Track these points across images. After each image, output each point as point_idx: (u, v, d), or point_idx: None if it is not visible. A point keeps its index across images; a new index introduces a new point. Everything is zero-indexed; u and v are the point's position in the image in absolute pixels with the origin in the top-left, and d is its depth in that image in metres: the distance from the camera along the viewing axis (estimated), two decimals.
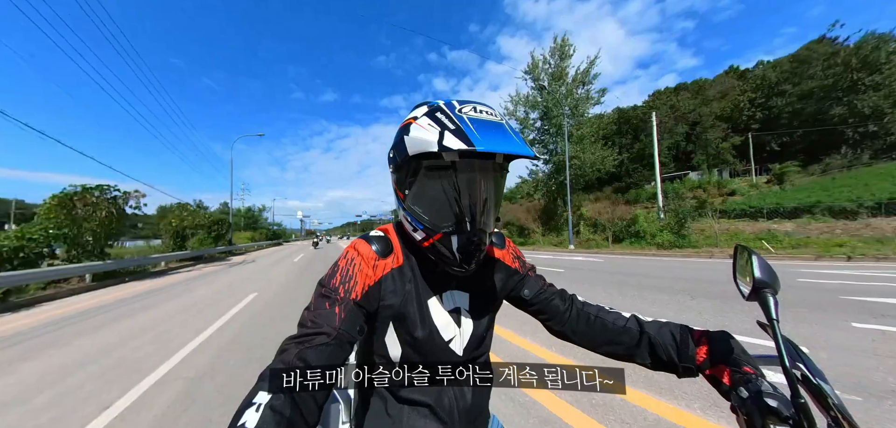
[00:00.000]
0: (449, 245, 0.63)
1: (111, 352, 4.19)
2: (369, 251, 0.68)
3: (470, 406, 0.72)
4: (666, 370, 0.70)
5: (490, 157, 0.62)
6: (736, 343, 0.64)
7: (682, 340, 0.67)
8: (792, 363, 0.49)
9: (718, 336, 0.66)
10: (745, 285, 0.59)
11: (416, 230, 0.67)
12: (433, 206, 0.64)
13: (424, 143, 0.57)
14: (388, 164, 0.73)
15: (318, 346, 0.54)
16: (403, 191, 0.68)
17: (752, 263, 0.56)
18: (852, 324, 4.18)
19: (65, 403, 2.87)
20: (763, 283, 0.54)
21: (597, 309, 0.79)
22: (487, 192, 0.65)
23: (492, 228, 0.68)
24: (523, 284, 0.83)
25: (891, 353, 3.26)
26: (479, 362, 0.75)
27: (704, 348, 0.65)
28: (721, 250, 13.37)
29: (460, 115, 0.58)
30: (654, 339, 0.70)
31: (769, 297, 0.53)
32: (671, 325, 0.71)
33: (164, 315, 6.16)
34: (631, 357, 0.73)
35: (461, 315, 0.73)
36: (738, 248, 0.63)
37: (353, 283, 0.63)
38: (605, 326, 0.75)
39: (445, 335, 0.70)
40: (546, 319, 0.82)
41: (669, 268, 10.17)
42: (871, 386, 2.63)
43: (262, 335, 4.66)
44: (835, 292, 5.95)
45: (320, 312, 0.59)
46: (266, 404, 0.45)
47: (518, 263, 0.84)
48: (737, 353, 0.62)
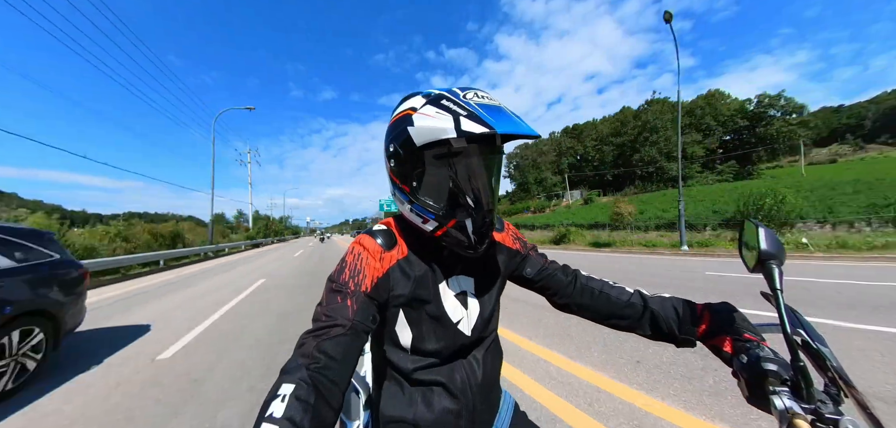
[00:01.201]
0: (464, 230, 0.64)
1: (214, 289, 7.72)
2: (374, 245, 0.68)
3: (481, 382, 0.74)
4: (665, 340, 0.72)
5: (492, 141, 0.63)
6: (738, 313, 0.65)
7: (684, 313, 0.69)
8: (793, 329, 0.50)
9: (720, 307, 0.67)
10: (751, 258, 0.58)
11: (426, 222, 0.67)
12: (445, 194, 0.65)
13: (437, 130, 0.58)
14: (386, 159, 0.70)
15: (335, 337, 0.56)
16: (408, 184, 0.67)
17: (759, 235, 0.56)
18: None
19: (202, 304, 5.98)
20: (769, 254, 0.54)
21: (600, 283, 0.81)
22: (495, 174, 0.67)
23: (496, 208, 0.69)
24: (525, 263, 0.85)
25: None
26: (487, 340, 0.78)
27: (706, 319, 0.67)
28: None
29: (467, 100, 0.59)
30: (657, 312, 0.72)
31: (774, 267, 0.53)
32: (674, 299, 0.73)
33: (263, 259, 17.56)
34: (632, 329, 0.75)
35: (468, 297, 0.74)
36: (746, 221, 0.62)
37: (362, 276, 0.64)
38: (609, 300, 0.77)
39: (454, 317, 0.72)
40: (551, 294, 0.84)
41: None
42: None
43: (312, 262, 14.25)
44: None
45: (333, 306, 0.60)
46: (291, 394, 0.47)
47: (519, 243, 0.86)
48: (738, 321, 0.63)
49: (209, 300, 6.44)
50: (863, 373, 2.61)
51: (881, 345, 3.13)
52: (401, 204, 0.71)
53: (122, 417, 2.37)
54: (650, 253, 13.96)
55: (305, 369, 0.50)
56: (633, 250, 15.42)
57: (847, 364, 0.56)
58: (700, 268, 8.74)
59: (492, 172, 0.66)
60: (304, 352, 0.54)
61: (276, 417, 0.44)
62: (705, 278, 7.15)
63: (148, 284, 9.22)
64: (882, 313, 4.10)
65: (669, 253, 13.26)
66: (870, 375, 2.58)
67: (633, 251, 15.08)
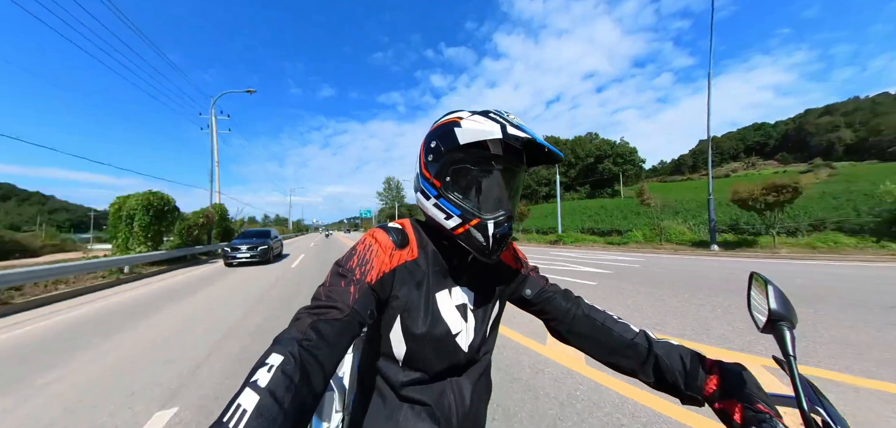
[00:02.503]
0: (485, 231, 0.65)
1: (293, 247, 26.50)
2: (387, 240, 0.69)
3: (468, 411, 0.72)
4: (669, 393, 0.68)
5: (521, 159, 0.69)
6: (749, 376, 0.60)
7: (692, 367, 0.65)
8: (811, 407, 0.47)
9: (731, 367, 0.63)
10: (761, 316, 0.56)
11: (450, 217, 0.68)
12: (473, 193, 0.67)
13: (485, 132, 0.62)
14: (422, 155, 0.74)
15: (331, 320, 0.55)
16: (441, 179, 0.69)
17: (769, 293, 0.53)
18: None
19: (236, 298, 6.46)
20: (779, 315, 0.52)
21: (603, 316, 0.78)
22: (518, 190, 0.71)
23: (516, 220, 0.72)
24: (525, 283, 0.84)
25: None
26: (480, 365, 0.77)
27: (715, 379, 0.63)
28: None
29: (509, 118, 0.65)
30: (662, 360, 0.68)
31: (785, 330, 0.51)
32: (682, 348, 0.69)
33: (294, 244, 28.09)
34: (634, 373, 0.72)
35: (467, 311, 0.74)
36: (754, 276, 0.60)
37: (370, 267, 0.64)
38: (611, 336, 0.75)
39: (453, 329, 0.71)
40: (549, 319, 0.82)
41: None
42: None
43: (326, 244, 28.32)
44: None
45: (335, 288, 0.60)
46: (278, 367, 0.46)
47: (519, 263, 0.86)
48: (750, 387, 0.58)
49: (297, 247, 17.46)
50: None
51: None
52: (425, 199, 0.72)
53: (296, 277, 9.39)
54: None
55: (296, 344, 0.50)
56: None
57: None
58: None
59: (517, 186, 0.70)
60: (300, 327, 0.53)
61: (260, 386, 0.44)
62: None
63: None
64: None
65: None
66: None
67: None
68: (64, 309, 6.33)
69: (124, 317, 5.49)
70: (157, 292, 7.72)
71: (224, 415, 0.41)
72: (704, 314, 4.60)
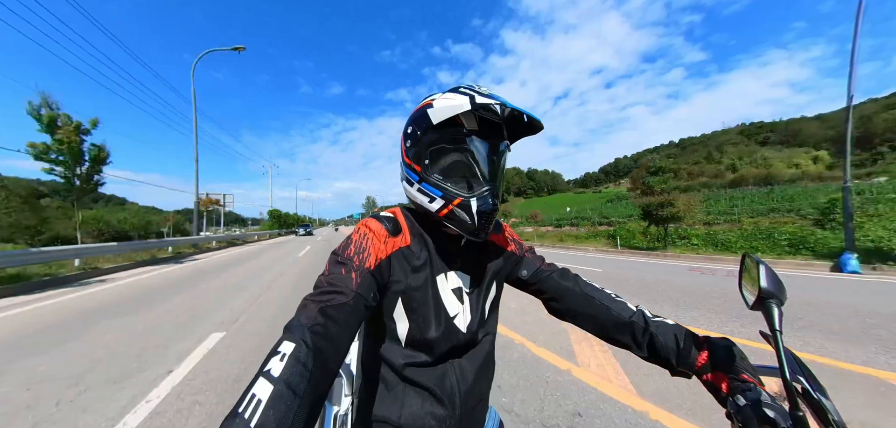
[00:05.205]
0: (468, 209, 0.65)
1: (308, 241, 34.17)
2: (380, 228, 0.69)
3: (471, 390, 0.73)
4: (661, 366, 0.71)
5: (501, 134, 0.67)
6: (737, 350, 0.63)
7: (685, 345, 0.68)
8: (793, 376, 0.49)
9: (720, 342, 0.65)
10: (751, 294, 0.58)
11: (433, 200, 0.68)
12: (453, 173, 0.68)
13: (454, 107, 0.62)
14: (402, 143, 0.75)
15: (337, 304, 0.56)
16: (420, 163, 0.70)
17: (759, 273, 0.55)
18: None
19: (266, 271, 9.52)
20: (769, 292, 0.54)
21: (602, 293, 0.79)
22: (500, 162, 0.70)
23: (500, 199, 0.71)
24: (521, 264, 0.85)
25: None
26: (481, 346, 0.78)
27: (705, 353, 0.66)
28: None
29: (479, 89, 0.64)
30: (657, 338, 0.70)
31: (774, 307, 0.53)
32: (677, 327, 0.71)
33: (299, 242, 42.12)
34: (629, 348, 0.74)
35: (463, 293, 0.75)
36: (746, 256, 0.62)
37: (367, 254, 0.65)
38: (609, 314, 0.76)
39: (451, 311, 0.72)
40: (547, 298, 0.83)
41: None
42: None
43: (335, 234, 43.56)
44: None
45: (336, 276, 0.60)
46: (290, 355, 0.47)
47: (514, 244, 0.87)
48: (736, 359, 0.61)
49: (306, 242, 32.32)
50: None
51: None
52: (409, 186, 0.73)
53: (313, 256, 14.33)
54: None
55: (308, 330, 0.50)
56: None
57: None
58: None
59: (497, 162, 0.69)
60: (308, 314, 0.53)
61: (274, 375, 0.44)
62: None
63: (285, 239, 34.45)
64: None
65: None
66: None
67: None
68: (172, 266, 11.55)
69: (227, 263, 11.81)
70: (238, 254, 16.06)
71: (239, 406, 0.40)
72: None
